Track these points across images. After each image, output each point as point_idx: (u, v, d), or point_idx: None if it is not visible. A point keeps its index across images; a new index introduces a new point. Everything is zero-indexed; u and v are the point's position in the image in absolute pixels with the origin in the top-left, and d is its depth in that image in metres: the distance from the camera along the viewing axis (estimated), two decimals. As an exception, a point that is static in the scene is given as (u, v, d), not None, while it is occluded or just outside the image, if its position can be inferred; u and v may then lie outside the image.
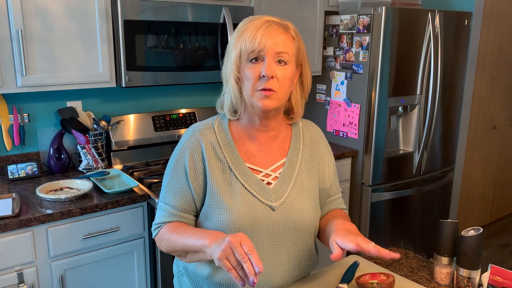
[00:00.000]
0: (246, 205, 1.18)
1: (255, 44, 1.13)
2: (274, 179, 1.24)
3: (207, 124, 1.28)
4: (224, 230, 1.17)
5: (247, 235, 1.13)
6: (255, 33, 1.14)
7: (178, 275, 1.41)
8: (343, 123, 2.95)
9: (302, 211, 1.23)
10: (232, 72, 1.18)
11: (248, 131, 1.26)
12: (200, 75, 2.41)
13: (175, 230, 1.19)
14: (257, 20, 1.17)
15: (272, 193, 1.22)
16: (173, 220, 1.23)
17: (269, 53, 1.13)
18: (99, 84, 2.17)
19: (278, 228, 1.21)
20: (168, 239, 1.18)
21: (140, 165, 2.47)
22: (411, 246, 3.21)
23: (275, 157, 1.27)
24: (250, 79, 1.15)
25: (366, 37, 2.71)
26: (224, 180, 1.20)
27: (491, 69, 3.63)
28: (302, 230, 1.24)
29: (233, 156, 1.23)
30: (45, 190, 2.00)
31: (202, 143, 1.22)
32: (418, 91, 2.91)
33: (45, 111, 2.32)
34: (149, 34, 2.19)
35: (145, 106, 2.64)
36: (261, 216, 1.19)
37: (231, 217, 1.17)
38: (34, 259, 1.82)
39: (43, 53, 1.98)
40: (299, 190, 1.25)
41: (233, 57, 1.17)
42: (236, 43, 1.16)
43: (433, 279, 1.35)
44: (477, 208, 3.93)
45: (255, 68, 1.15)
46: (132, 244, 2.06)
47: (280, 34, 1.15)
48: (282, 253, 1.23)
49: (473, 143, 3.67)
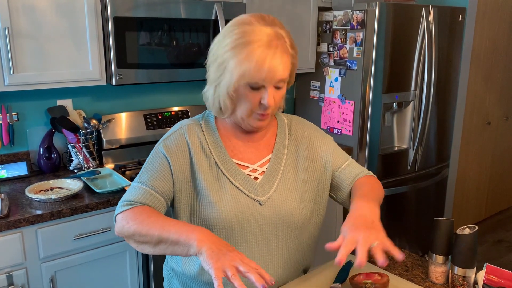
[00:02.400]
0: (234, 200, 1.17)
1: (261, 76, 1.07)
2: (261, 174, 1.23)
3: (194, 120, 1.27)
4: (212, 225, 1.16)
5: (235, 231, 1.16)
6: (262, 62, 1.06)
7: (168, 277, 1.38)
8: (337, 120, 2.93)
9: (289, 205, 1.22)
10: (227, 89, 1.11)
11: (235, 128, 1.25)
12: (192, 72, 2.38)
13: (153, 214, 1.09)
14: (260, 41, 1.07)
15: (259, 187, 1.21)
16: (149, 200, 1.14)
17: (272, 83, 1.10)
18: (89, 82, 2.13)
19: (267, 224, 1.20)
20: (142, 220, 1.07)
21: (132, 164, 2.44)
22: (406, 243, 3.21)
23: (261, 153, 1.26)
24: (248, 103, 1.12)
25: (360, 33, 2.68)
26: (211, 176, 1.19)
27: (485, 65, 3.62)
28: (291, 225, 1.23)
29: (219, 152, 1.21)
30: (34, 190, 1.97)
31: (188, 138, 1.21)
32: (412, 87, 2.89)
33: (34, 110, 2.29)
34: (140, 31, 2.16)
35: (137, 104, 2.60)
36: (248, 211, 1.18)
37: (219, 212, 1.16)
38: (24, 261, 1.79)
39: (32, 51, 1.95)
40: (285, 185, 1.24)
41: (232, 78, 1.09)
42: (238, 64, 1.07)
43: (428, 278, 1.34)
44: (471, 204, 3.94)
45: (255, 95, 1.11)
46: (124, 244, 2.04)
47: (283, 59, 1.09)
48: (272, 250, 1.22)
49: (467, 139, 3.66)
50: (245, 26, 1.09)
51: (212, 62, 1.14)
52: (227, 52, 1.09)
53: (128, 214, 1.10)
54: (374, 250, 0.98)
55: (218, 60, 1.12)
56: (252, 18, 1.11)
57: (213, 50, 1.15)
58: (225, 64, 1.09)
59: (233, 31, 1.10)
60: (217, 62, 1.12)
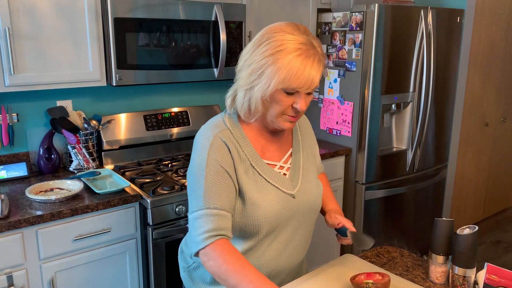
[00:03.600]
0: (274, 197, 1.25)
1: (300, 83, 1.14)
2: (287, 169, 1.32)
3: (219, 125, 1.27)
4: (260, 224, 1.23)
5: (277, 225, 1.26)
6: (302, 70, 1.13)
7: (189, 269, 1.41)
8: (336, 121, 2.94)
9: (314, 193, 1.34)
10: (262, 94, 1.16)
11: (259, 128, 1.30)
12: (192, 73, 2.38)
13: (229, 259, 1.13)
14: (299, 49, 1.13)
15: (289, 182, 1.30)
16: (225, 223, 1.17)
17: (308, 90, 1.17)
18: (89, 83, 2.14)
19: (298, 213, 1.31)
20: (220, 264, 1.12)
21: (131, 165, 2.44)
22: (405, 244, 3.21)
23: (284, 149, 1.35)
24: (281, 106, 1.19)
25: (359, 35, 2.70)
26: (248, 178, 1.24)
27: (483, 66, 3.64)
28: (315, 209, 1.37)
29: (252, 154, 1.27)
30: (35, 191, 1.97)
31: (228, 146, 1.23)
32: (411, 89, 2.91)
33: (34, 110, 2.28)
34: (140, 32, 2.16)
35: (137, 105, 2.61)
36: (285, 206, 1.27)
37: (265, 211, 1.23)
38: (24, 261, 1.79)
39: (32, 52, 1.95)
40: (307, 175, 1.35)
41: (269, 84, 1.14)
42: (277, 71, 1.13)
43: (428, 277, 1.34)
44: (470, 205, 3.95)
45: (289, 99, 1.18)
46: (124, 245, 2.04)
47: (319, 68, 1.16)
48: (299, 234, 1.34)
49: (466, 140, 3.68)
50: (283, 34, 1.15)
51: (245, 67, 1.19)
52: (265, 59, 1.15)
53: (209, 251, 1.15)
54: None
55: (253, 65, 1.17)
56: (288, 27, 1.17)
57: (246, 56, 1.20)
58: (262, 69, 1.15)
59: (270, 38, 1.16)
60: (251, 67, 1.17)
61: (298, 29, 1.17)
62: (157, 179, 2.21)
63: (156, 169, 2.36)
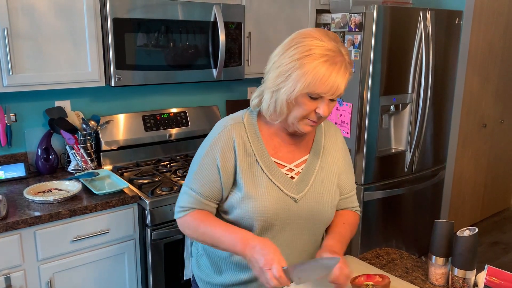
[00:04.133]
0: (271, 195, 1.25)
1: (325, 89, 1.14)
2: (297, 173, 1.31)
3: (236, 119, 1.31)
4: (249, 218, 1.25)
5: (272, 222, 1.26)
6: (328, 76, 1.13)
7: (197, 256, 1.46)
8: (335, 122, 2.94)
9: (322, 204, 1.31)
10: (288, 96, 1.17)
11: (278, 129, 1.31)
12: (191, 74, 2.38)
13: (203, 222, 1.26)
14: (326, 56, 1.14)
15: (295, 186, 1.29)
16: (199, 207, 1.28)
17: (332, 96, 1.17)
18: (88, 84, 2.13)
19: (299, 219, 1.29)
20: (196, 229, 1.26)
21: (130, 166, 2.43)
22: (403, 245, 3.22)
23: (299, 153, 1.34)
24: (304, 110, 1.19)
25: (358, 36, 2.70)
26: (250, 172, 1.26)
27: (482, 67, 3.65)
28: (320, 221, 1.33)
29: (260, 150, 1.28)
30: (33, 192, 1.96)
31: (234, 138, 1.27)
32: (409, 90, 2.91)
33: (33, 111, 2.28)
34: (139, 32, 2.16)
35: (135, 105, 2.60)
36: (284, 207, 1.26)
37: (257, 206, 1.24)
38: (22, 262, 1.78)
39: (31, 52, 1.94)
40: (320, 185, 1.32)
41: (295, 87, 1.15)
42: (304, 75, 1.14)
43: (428, 279, 1.34)
44: (467, 206, 3.95)
45: (312, 104, 1.18)
46: (123, 246, 2.03)
47: (345, 76, 1.16)
48: (298, 241, 1.32)
49: (464, 141, 3.68)
50: (312, 40, 1.16)
51: (273, 69, 1.21)
52: (293, 62, 1.16)
53: (182, 222, 1.30)
54: None
55: (281, 68, 1.18)
56: (317, 32, 1.18)
57: (274, 58, 1.21)
58: (289, 73, 1.16)
59: (299, 43, 1.17)
60: (279, 70, 1.18)
61: (327, 35, 1.18)
62: (156, 180, 2.20)
63: (154, 170, 2.36)
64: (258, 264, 1.11)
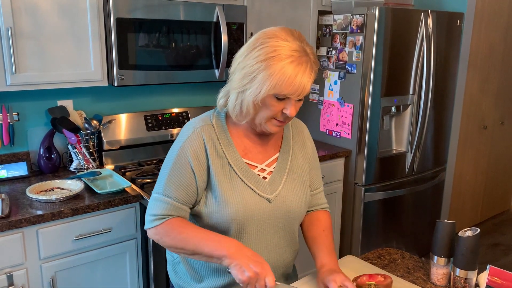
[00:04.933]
0: (246, 198, 1.24)
1: (291, 90, 1.14)
2: (269, 173, 1.30)
3: (205, 121, 1.29)
4: (225, 221, 1.23)
5: (247, 226, 1.24)
6: (294, 77, 1.13)
7: (173, 263, 1.43)
8: (336, 123, 2.95)
9: (294, 201, 1.31)
10: (254, 98, 1.16)
11: (246, 130, 1.30)
12: (193, 74, 2.38)
13: (184, 228, 1.20)
14: (291, 56, 1.13)
15: (268, 186, 1.28)
16: (175, 213, 1.23)
17: (299, 96, 1.17)
18: (90, 83, 2.14)
19: (273, 218, 1.28)
20: (174, 236, 1.20)
21: (132, 165, 2.44)
22: (404, 246, 3.22)
23: (269, 153, 1.33)
24: (271, 111, 1.19)
25: (359, 37, 2.70)
26: (224, 175, 1.24)
27: (482, 69, 3.66)
28: (294, 218, 1.33)
29: (231, 152, 1.27)
30: (35, 191, 1.96)
31: (205, 140, 1.25)
32: (411, 91, 2.92)
33: (35, 110, 2.28)
34: (142, 32, 2.16)
35: (137, 105, 2.61)
36: (258, 208, 1.26)
37: (233, 210, 1.22)
38: (24, 261, 1.79)
39: (34, 51, 1.95)
40: (291, 182, 1.32)
41: (261, 89, 1.14)
42: (269, 77, 1.13)
43: (429, 279, 1.35)
44: (467, 208, 3.96)
45: (279, 105, 1.18)
46: (125, 245, 2.04)
47: (311, 75, 1.16)
48: (274, 240, 1.31)
49: (464, 143, 3.69)
50: (276, 40, 1.15)
51: (238, 70, 1.19)
52: (258, 64, 1.15)
53: (159, 230, 1.22)
54: None
55: (246, 69, 1.17)
56: (282, 32, 1.17)
57: (239, 59, 1.20)
58: (255, 74, 1.15)
59: (264, 43, 1.16)
60: (244, 71, 1.17)
61: (292, 35, 1.17)
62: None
63: (156, 170, 2.36)
64: (252, 271, 1.08)
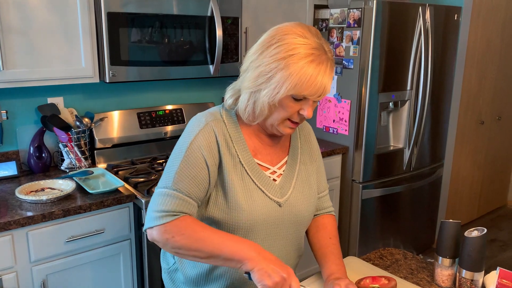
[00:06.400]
0: (258, 202, 1.18)
1: (312, 91, 1.08)
2: (279, 176, 1.25)
3: (215, 115, 1.21)
4: (230, 224, 1.16)
5: (256, 231, 1.18)
6: (315, 77, 1.06)
7: (169, 271, 1.36)
8: (333, 119, 2.90)
9: (304, 205, 1.26)
10: (271, 99, 1.09)
11: (257, 129, 1.24)
12: (187, 70, 2.32)
13: (200, 227, 1.08)
14: (312, 55, 1.06)
15: (278, 189, 1.23)
16: (187, 210, 1.11)
17: (319, 97, 1.11)
18: (81, 80, 2.07)
19: (282, 223, 1.23)
20: (190, 235, 1.07)
21: (125, 164, 2.38)
22: (401, 243, 3.19)
23: (278, 155, 1.28)
24: (287, 112, 1.13)
25: (356, 32, 2.66)
26: (236, 176, 1.18)
27: (480, 64, 3.62)
28: (302, 223, 1.28)
29: (244, 151, 1.20)
30: (25, 191, 1.90)
31: (217, 135, 1.17)
32: (408, 87, 2.87)
33: (24, 108, 2.22)
34: (134, 27, 2.10)
35: (130, 102, 2.54)
36: (269, 212, 1.20)
37: (246, 213, 1.16)
38: (14, 264, 1.73)
39: (22, 47, 1.88)
40: (300, 186, 1.27)
41: (279, 89, 1.07)
42: (289, 76, 1.06)
43: (434, 281, 1.31)
44: (465, 204, 3.94)
45: (296, 105, 1.12)
46: (118, 246, 1.98)
47: (331, 75, 1.10)
48: (280, 245, 1.25)
49: (461, 138, 3.66)
50: (294, 37, 1.08)
51: (252, 68, 1.12)
52: (276, 62, 1.07)
53: (172, 228, 1.08)
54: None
55: (261, 68, 1.09)
56: (299, 28, 1.10)
57: (253, 56, 1.13)
58: (272, 73, 1.08)
59: (281, 40, 1.08)
60: (259, 69, 1.10)
61: (309, 31, 1.10)
62: (152, 179, 2.15)
63: (150, 168, 2.30)
64: (279, 275, 1.00)
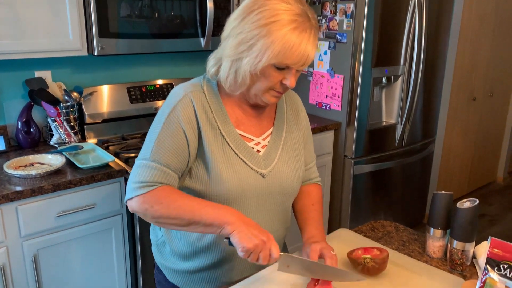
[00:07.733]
0: (239, 172, 1.15)
1: (295, 60, 1.04)
2: (263, 147, 1.22)
3: (195, 86, 1.18)
4: (212, 197, 1.14)
5: (238, 202, 1.16)
6: (298, 45, 1.02)
7: (157, 243, 1.34)
8: (326, 95, 2.88)
9: (289, 177, 1.24)
10: (252, 68, 1.06)
11: (240, 100, 1.20)
12: (177, 43, 2.28)
13: (177, 196, 1.07)
14: (295, 21, 1.02)
15: (262, 160, 1.20)
16: (165, 181, 1.09)
17: (302, 66, 1.07)
18: (69, 52, 2.02)
19: (267, 194, 1.21)
20: (168, 204, 1.06)
21: (115, 139, 2.35)
22: (392, 218, 3.22)
23: (263, 126, 1.24)
24: (269, 82, 1.09)
25: (350, 5, 2.61)
26: (217, 147, 1.15)
27: (473, 40, 3.60)
28: (288, 194, 1.26)
29: (224, 122, 1.17)
30: (13, 166, 1.87)
31: (195, 106, 1.13)
32: (401, 62, 2.85)
33: (11, 81, 2.16)
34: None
35: (120, 76, 2.50)
36: (252, 183, 1.17)
37: (226, 184, 1.13)
38: (4, 239, 1.71)
39: (6, 18, 1.82)
40: (286, 157, 1.25)
41: (261, 58, 1.04)
42: (271, 44, 1.02)
43: (425, 252, 1.32)
44: (455, 179, 3.97)
45: (278, 75, 1.08)
46: (110, 221, 1.97)
47: (315, 43, 1.06)
48: (267, 217, 1.23)
49: (453, 114, 3.67)
50: (276, 2, 1.04)
51: (233, 35, 1.07)
52: (257, 29, 1.03)
53: (150, 198, 1.07)
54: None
55: (242, 35, 1.05)
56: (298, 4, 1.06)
57: (234, 23, 1.08)
58: (253, 41, 1.04)
59: (262, 6, 1.04)
60: (240, 36, 1.06)
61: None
62: (143, 154, 2.13)
63: (141, 143, 2.28)
64: (259, 238, 0.99)
